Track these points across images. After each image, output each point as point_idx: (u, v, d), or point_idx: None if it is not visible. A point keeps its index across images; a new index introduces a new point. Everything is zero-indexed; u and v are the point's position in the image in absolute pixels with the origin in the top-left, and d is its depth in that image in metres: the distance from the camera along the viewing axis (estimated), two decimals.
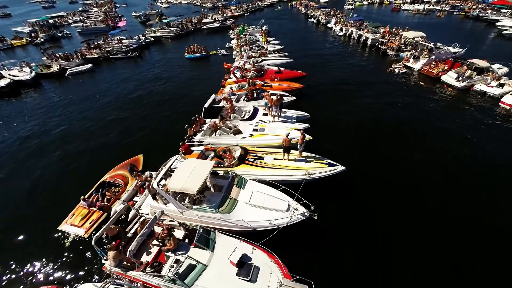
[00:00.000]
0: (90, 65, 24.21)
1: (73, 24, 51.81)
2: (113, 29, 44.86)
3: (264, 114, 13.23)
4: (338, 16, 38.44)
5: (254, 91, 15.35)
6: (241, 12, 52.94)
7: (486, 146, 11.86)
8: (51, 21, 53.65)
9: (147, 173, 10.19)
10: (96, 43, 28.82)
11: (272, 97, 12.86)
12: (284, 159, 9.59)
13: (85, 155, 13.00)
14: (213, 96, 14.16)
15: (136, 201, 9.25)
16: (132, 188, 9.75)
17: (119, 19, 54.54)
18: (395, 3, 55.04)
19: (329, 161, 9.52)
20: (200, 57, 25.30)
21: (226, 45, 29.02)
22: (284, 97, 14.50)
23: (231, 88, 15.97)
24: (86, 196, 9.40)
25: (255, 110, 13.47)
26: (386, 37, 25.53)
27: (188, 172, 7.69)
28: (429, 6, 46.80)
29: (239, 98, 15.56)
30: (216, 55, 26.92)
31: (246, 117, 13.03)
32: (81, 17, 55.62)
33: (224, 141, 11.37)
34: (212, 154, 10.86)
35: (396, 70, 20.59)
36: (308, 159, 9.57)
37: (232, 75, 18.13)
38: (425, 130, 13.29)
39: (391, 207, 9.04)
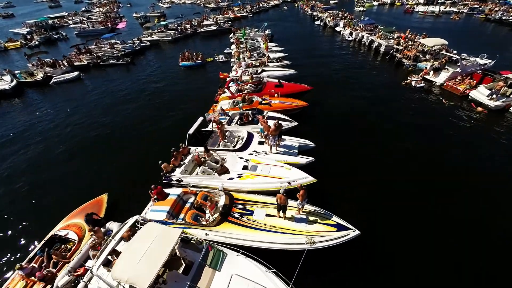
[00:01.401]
0: (76, 73, 22.38)
1: (72, 25, 50.45)
2: (111, 31, 43.54)
3: (260, 143, 11.06)
4: (347, 18, 35.85)
5: (250, 112, 13.17)
6: (245, 14, 50.72)
7: None
8: (51, 21, 52.77)
9: (107, 225, 8.17)
10: (87, 47, 27.03)
11: (269, 124, 10.69)
12: (280, 217, 7.39)
13: (37, 192, 10.67)
14: (200, 119, 12.00)
15: (88, 268, 7.18)
16: (86, 248, 7.68)
17: (119, 20, 53.10)
18: (408, 4, 52.01)
19: (338, 220, 7.27)
20: (195, 65, 23.18)
21: (225, 51, 26.86)
22: (285, 122, 12.34)
23: (222, 108, 13.79)
24: (25, 261, 7.38)
25: (249, 137, 11.31)
26: (401, 43, 22.96)
27: (142, 250, 5.56)
28: (445, 8, 43.70)
29: (232, 119, 13.40)
30: (213, 62, 24.80)
31: (237, 146, 10.86)
32: (81, 18, 54.30)
33: (206, 182, 9.22)
34: (192, 199, 8.76)
35: (413, 83, 18.06)
36: (311, 218, 7.33)
37: (226, 89, 15.96)
38: (450, 161, 10.91)
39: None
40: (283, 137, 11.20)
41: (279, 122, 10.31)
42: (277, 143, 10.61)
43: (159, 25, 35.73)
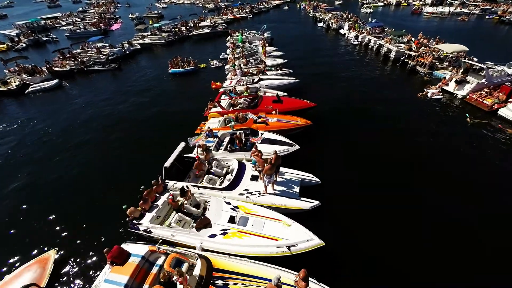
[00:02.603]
0: (55, 81, 20.33)
1: (65, 26, 48.47)
2: (104, 33, 41.57)
3: (253, 177, 8.98)
4: (352, 20, 33.70)
5: (243, 133, 11.10)
6: (244, 15, 48.62)
7: None
8: (43, 22, 50.89)
9: None
10: (71, 52, 25.01)
11: (264, 157, 8.61)
12: None
13: None
14: (181, 145, 9.93)
15: None
16: None
17: (114, 21, 51.16)
18: (415, 4, 49.77)
19: None
20: (186, 72, 21.10)
21: (221, 56, 24.77)
22: (284, 146, 10.26)
23: (209, 128, 11.69)
24: None
25: (240, 170, 9.25)
26: (414, 49, 20.81)
27: None
28: (455, 9, 41.43)
29: (221, 142, 11.33)
30: (207, 68, 22.72)
31: (225, 183, 8.77)
32: (75, 19, 52.37)
33: (181, 238, 7.13)
34: (161, 260, 6.69)
35: (429, 95, 15.93)
36: None
37: (216, 103, 13.85)
38: (474, 190, 8.83)
39: None
40: (282, 169, 9.14)
41: (277, 154, 8.25)
42: (275, 178, 8.57)
43: (152, 27, 33.66)
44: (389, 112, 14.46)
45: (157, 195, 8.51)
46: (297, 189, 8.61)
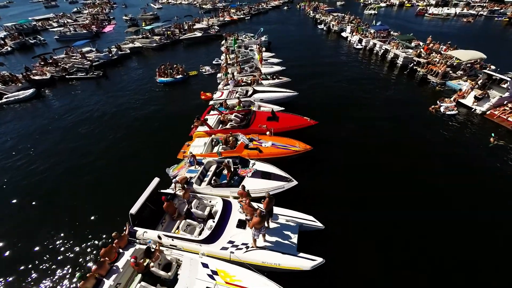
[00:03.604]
0: (31, 91, 18.60)
1: (56, 28, 46.70)
2: (95, 35, 39.90)
3: (240, 224, 7.29)
4: (354, 23, 31.97)
5: (231, 163, 9.39)
6: (242, 16, 46.84)
7: None
8: (34, 24, 49.13)
9: None
10: (53, 58, 23.28)
11: (254, 194, 6.98)
12: None
13: None
14: (155, 182, 8.22)
15: None
16: None
17: (107, 22, 49.44)
18: (418, 5, 48.03)
19: None
20: (176, 81, 19.34)
21: (214, 61, 23.03)
22: (280, 182, 8.54)
23: (191, 154, 9.93)
24: None
25: (225, 212, 7.60)
26: (423, 55, 19.08)
27: None
28: (461, 10, 39.68)
29: (206, 172, 9.61)
30: (199, 75, 20.97)
31: (206, 233, 7.07)
32: (67, 20, 50.64)
33: None
34: None
35: (443, 109, 14.21)
36: None
37: (203, 122, 12.11)
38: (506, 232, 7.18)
39: None
40: (276, 209, 7.46)
41: (269, 197, 6.58)
42: (267, 225, 6.93)
43: (143, 29, 31.91)
44: (397, 130, 12.75)
45: (121, 250, 6.81)
46: (294, 238, 6.93)
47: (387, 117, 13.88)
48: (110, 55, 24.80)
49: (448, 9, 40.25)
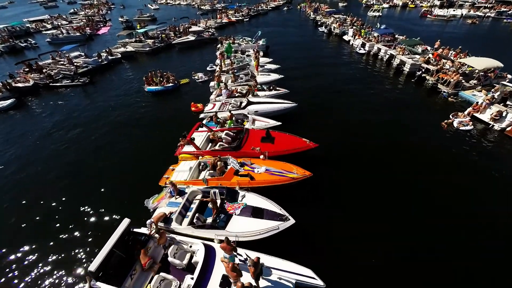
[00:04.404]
0: (10, 101, 17.31)
1: (49, 30, 45.40)
2: (89, 38, 38.68)
3: (224, 283, 5.98)
4: (356, 25, 30.61)
5: (218, 194, 8.08)
6: (240, 18, 45.49)
7: None
8: (27, 26, 47.91)
9: None
10: (38, 63, 21.98)
11: (236, 268, 5.63)
12: None
13: None
14: (124, 223, 6.90)
15: None
16: None
17: (102, 24, 48.13)
18: (422, 6, 46.59)
19: None
20: (166, 90, 18.02)
21: (208, 68, 21.71)
22: (274, 222, 7.20)
23: (172, 183, 8.60)
24: None
25: (207, 265, 6.34)
26: (432, 61, 17.70)
27: None
28: (468, 11, 38.23)
29: (189, 204, 8.28)
30: (191, 83, 19.63)
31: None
32: (61, 22, 49.39)
33: None
34: None
35: (456, 124, 12.86)
36: None
37: (190, 142, 10.78)
38: None
39: None
40: (268, 261, 6.15)
41: (258, 261, 5.25)
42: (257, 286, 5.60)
43: (136, 32, 30.60)
44: (408, 150, 11.40)
45: None
46: None
47: (398, 135, 12.41)
48: (100, 60, 23.49)
49: (454, 10, 38.80)
